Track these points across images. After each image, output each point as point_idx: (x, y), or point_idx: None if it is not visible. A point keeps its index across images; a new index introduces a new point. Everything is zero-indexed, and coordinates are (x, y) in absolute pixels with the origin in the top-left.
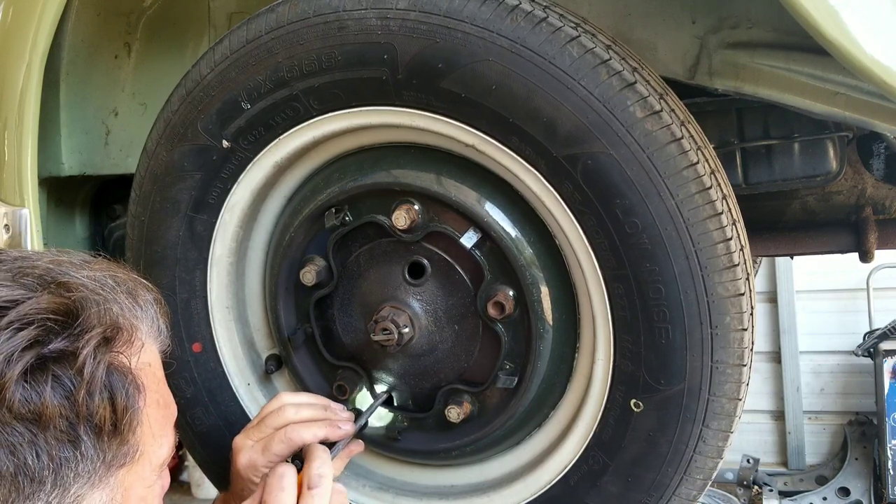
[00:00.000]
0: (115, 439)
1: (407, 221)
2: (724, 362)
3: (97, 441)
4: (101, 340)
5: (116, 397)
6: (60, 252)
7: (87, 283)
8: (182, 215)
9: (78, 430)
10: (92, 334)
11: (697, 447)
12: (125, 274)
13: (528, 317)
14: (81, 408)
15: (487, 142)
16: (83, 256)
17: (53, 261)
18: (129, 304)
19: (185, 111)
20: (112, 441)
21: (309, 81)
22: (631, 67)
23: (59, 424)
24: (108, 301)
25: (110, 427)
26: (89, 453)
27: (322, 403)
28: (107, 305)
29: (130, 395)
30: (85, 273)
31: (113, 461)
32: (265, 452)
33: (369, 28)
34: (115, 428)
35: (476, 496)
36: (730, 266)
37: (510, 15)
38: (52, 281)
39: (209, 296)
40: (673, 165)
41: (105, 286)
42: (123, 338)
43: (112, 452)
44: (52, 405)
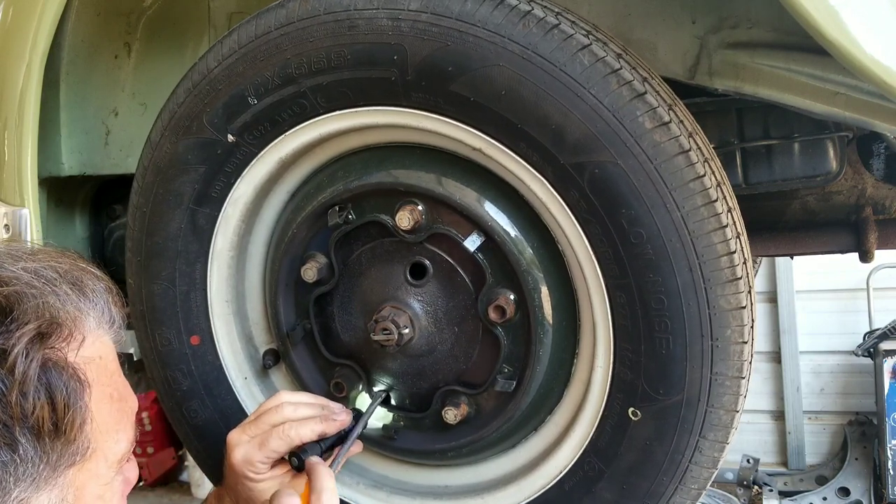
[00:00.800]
0: (59, 439)
1: (410, 222)
2: (724, 374)
3: (37, 442)
4: (34, 336)
5: (55, 395)
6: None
7: (22, 276)
8: (184, 208)
9: (13, 433)
10: (24, 330)
11: (693, 457)
12: (71, 263)
13: (529, 321)
14: (15, 409)
15: (494, 146)
16: (26, 248)
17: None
18: (72, 296)
19: (191, 104)
20: (55, 441)
21: (317, 79)
22: (641, 77)
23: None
24: (46, 294)
25: (50, 427)
26: (29, 455)
27: (320, 403)
28: (44, 299)
29: (72, 391)
30: (21, 265)
31: (59, 461)
32: (262, 448)
33: (380, 28)
34: (56, 427)
35: (470, 497)
36: (732, 279)
37: (522, 20)
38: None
39: (209, 289)
40: (680, 177)
41: (43, 277)
42: (62, 332)
43: (56, 453)
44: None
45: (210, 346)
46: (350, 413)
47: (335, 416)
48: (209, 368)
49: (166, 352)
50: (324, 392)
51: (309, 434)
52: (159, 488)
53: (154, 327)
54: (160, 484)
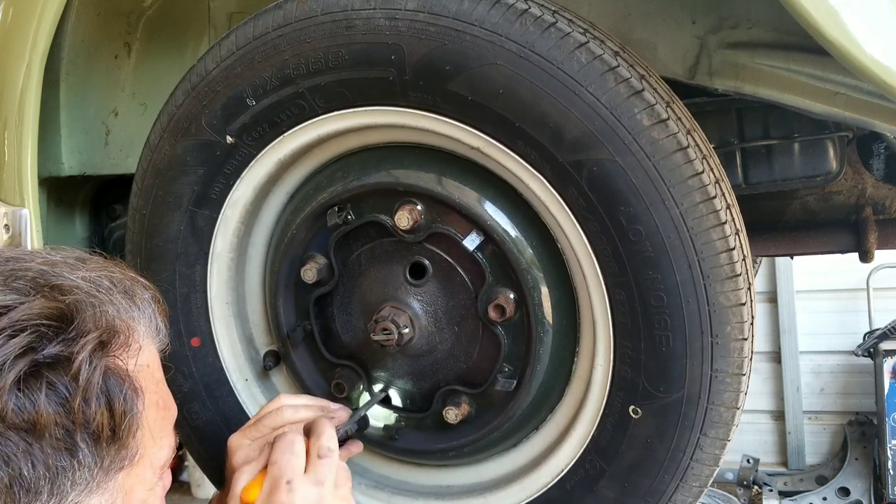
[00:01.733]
0: (114, 445)
1: (409, 222)
2: (724, 371)
3: (95, 448)
4: (97, 345)
5: (114, 402)
6: (55, 251)
7: (82, 285)
8: (184, 210)
9: (75, 438)
10: (87, 339)
11: (695, 455)
12: (121, 273)
13: (529, 320)
14: (78, 415)
15: (493, 145)
16: (78, 255)
17: (47, 262)
18: (125, 305)
19: (190, 106)
20: (110, 447)
21: (315, 80)
22: (639, 75)
23: (54, 433)
24: (104, 303)
25: (108, 433)
26: (87, 461)
27: (320, 405)
28: (102, 308)
29: (128, 399)
30: (79, 274)
31: (111, 466)
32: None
33: (377, 28)
34: (114, 433)
35: (472, 497)
36: (732, 276)
37: (519, 19)
38: (46, 284)
39: (209, 291)
40: (678, 174)
41: (101, 287)
42: (120, 340)
43: (110, 458)
44: (46, 413)
45: (210, 347)
46: (348, 410)
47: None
48: (210, 370)
49: (167, 354)
50: (325, 392)
51: None
52: None
53: None
54: None
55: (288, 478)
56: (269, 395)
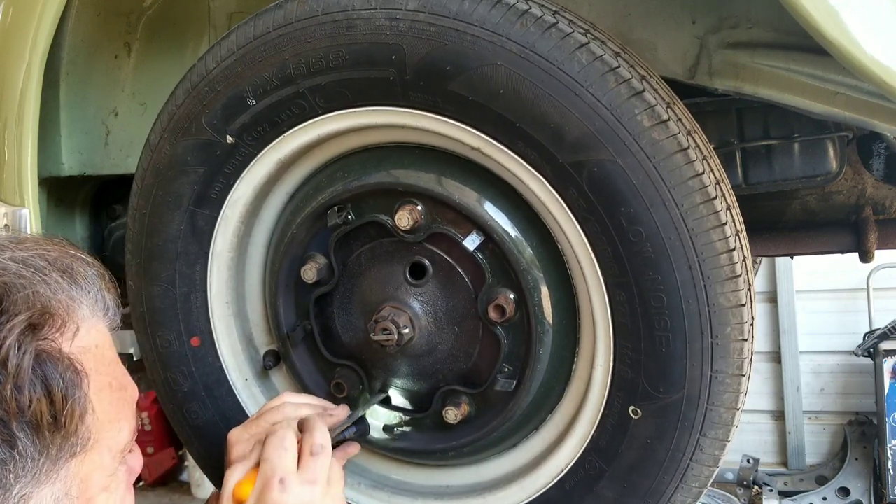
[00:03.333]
0: (58, 432)
1: (410, 222)
2: (724, 372)
3: (36, 436)
4: (25, 328)
5: (52, 387)
6: None
7: (10, 266)
8: (184, 209)
9: (11, 428)
10: (14, 322)
11: (694, 455)
12: (60, 251)
13: (529, 320)
14: (10, 404)
15: (493, 145)
16: (14, 237)
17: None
18: (63, 284)
19: (190, 105)
20: (54, 434)
21: (315, 80)
22: (639, 76)
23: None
24: (35, 283)
25: (49, 420)
26: (28, 451)
27: (322, 404)
28: (34, 289)
29: (69, 382)
30: (8, 255)
31: (59, 454)
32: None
33: (378, 28)
34: (55, 420)
35: (472, 497)
36: (732, 277)
37: (520, 19)
38: None
39: (209, 290)
40: (679, 175)
41: (31, 267)
42: (55, 322)
43: (56, 446)
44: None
45: (210, 347)
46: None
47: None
48: (210, 370)
49: (167, 353)
50: (325, 392)
51: None
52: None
53: (154, 329)
54: (160, 484)
55: (280, 475)
56: (269, 395)
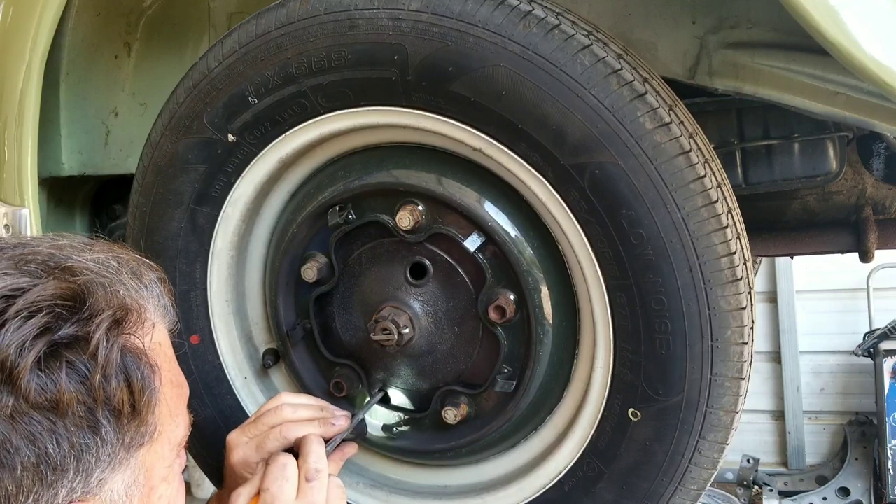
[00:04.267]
0: (134, 421)
1: (411, 222)
2: (724, 375)
3: (116, 424)
4: (111, 323)
5: (132, 379)
6: (59, 236)
7: (92, 266)
8: (185, 207)
9: (97, 415)
10: (102, 317)
11: (693, 458)
12: (127, 254)
13: (529, 322)
14: (98, 392)
15: (495, 146)
16: (82, 239)
17: (54, 245)
18: (134, 285)
19: (192, 104)
20: (131, 423)
21: (317, 79)
22: (642, 78)
23: (77, 410)
24: (114, 283)
25: (129, 409)
26: (109, 437)
27: (320, 405)
28: (113, 287)
29: (146, 375)
30: (87, 256)
31: (132, 442)
32: (259, 450)
33: (380, 28)
34: (134, 409)
35: (470, 497)
36: (733, 280)
37: (523, 21)
38: (56, 266)
39: (209, 288)
40: (680, 178)
41: (109, 268)
42: (133, 319)
43: (131, 434)
44: (68, 392)
45: (210, 345)
46: (348, 417)
47: (334, 420)
48: (209, 368)
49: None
50: (324, 391)
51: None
52: None
53: None
54: None
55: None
56: (268, 394)
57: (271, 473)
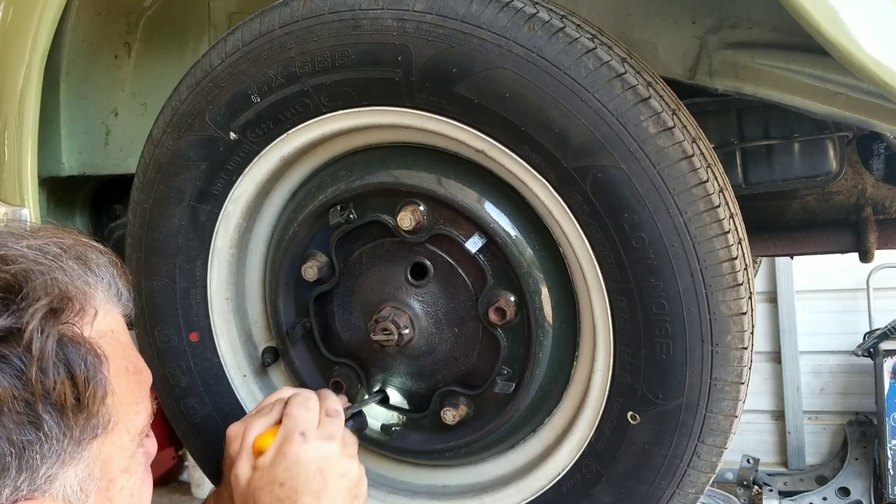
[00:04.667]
0: (81, 414)
1: (412, 222)
2: (723, 380)
3: (60, 418)
4: (47, 312)
5: (74, 370)
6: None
7: (28, 254)
8: (185, 205)
9: (37, 410)
10: (36, 307)
11: (692, 462)
12: (73, 239)
13: (529, 323)
14: (36, 386)
15: (497, 148)
16: (27, 227)
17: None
18: (78, 271)
19: (194, 101)
20: (78, 416)
21: (321, 78)
22: (646, 82)
23: (14, 406)
24: (53, 270)
25: (73, 402)
26: (53, 432)
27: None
28: (52, 275)
29: (90, 365)
30: (25, 243)
31: (82, 436)
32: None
33: (385, 28)
34: (79, 402)
35: (468, 498)
36: (734, 285)
37: (527, 23)
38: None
39: (209, 286)
40: (683, 182)
41: (48, 254)
42: (74, 307)
43: (79, 427)
44: (2, 388)
45: (209, 343)
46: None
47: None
48: (208, 366)
49: (165, 348)
50: None
51: None
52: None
53: (153, 324)
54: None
55: (302, 429)
56: (267, 392)
57: (295, 401)
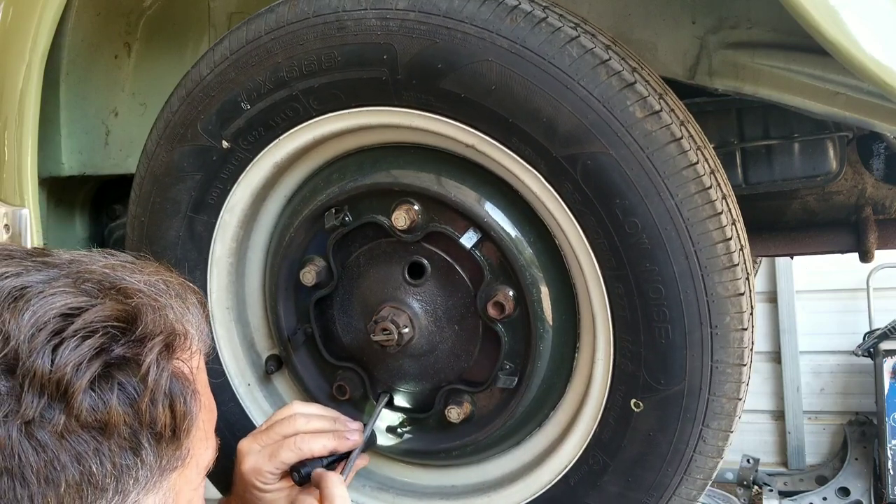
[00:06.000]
0: (172, 445)
1: (407, 222)
2: (724, 362)
3: (157, 447)
4: (163, 347)
5: (176, 404)
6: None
7: (144, 289)
8: (182, 216)
9: (140, 438)
10: (154, 341)
11: (697, 447)
12: (173, 277)
13: (528, 317)
14: (144, 415)
15: (487, 142)
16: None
17: (107, 265)
18: (180, 309)
19: (185, 112)
20: (170, 447)
21: (308, 82)
22: (630, 67)
23: (122, 432)
24: (164, 307)
25: (169, 433)
26: (149, 460)
27: (332, 415)
28: (163, 311)
29: (189, 401)
30: (139, 277)
31: (167, 465)
32: (272, 459)
33: (369, 28)
34: (174, 434)
35: (477, 496)
36: (729, 266)
37: (510, 15)
38: (112, 286)
39: (209, 296)
40: (672, 165)
41: (159, 291)
42: (181, 343)
43: (168, 457)
44: (117, 413)
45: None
46: (361, 430)
47: (348, 434)
48: (212, 376)
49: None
50: (327, 395)
51: (320, 449)
52: None
53: None
54: None
55: None
56: (272, 400)
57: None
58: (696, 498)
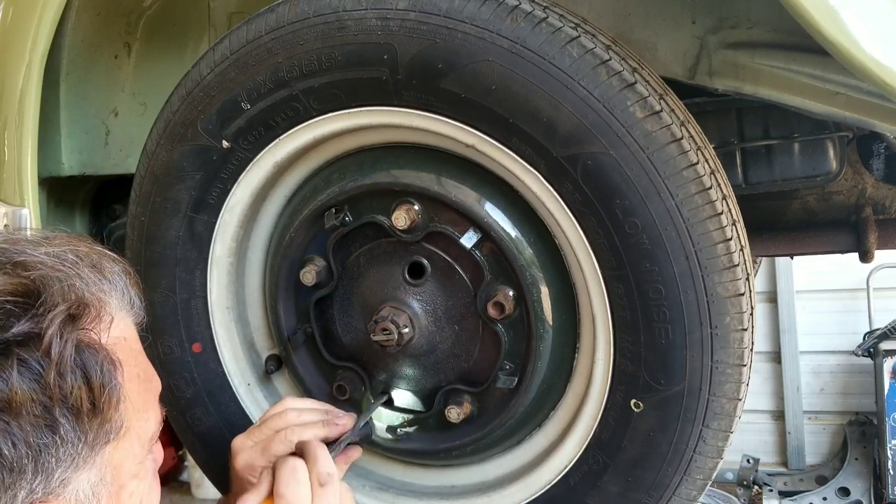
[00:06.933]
0: (96, 418)
1: (407, 221)
2: (724, 362)
3: (76, 422)
4: (66, 318)
5: (91, 375)
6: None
7: (46, 260)
8: (182, 215)
9: (54, 414)
10: (55, 313)
11: (697, 447)
12: (87, 247)
13: (528, 317)
14: (54, 390)
15: (487, 142)
16: (42, 233)
17: (8, 240)
18: (94, 278)
19: (185, 111)
20: (92, 420)
21: (309, 82)
22: (631, 68)
23: (32, 410)
24: (70, 277)
25: (88, 406)
26: (69, 436)
27: (324, 408)
28: (69, 281)
29: (106, 371)
30: (42, 250)
31: (96, 440)
32: (265, 453)
33: (369, 28)
34: (94, 407)
35: (476, 496)
36: (730, 266)
37: (510, 15)
38: (8, 261)
39: (209, 296)
40: (673, 166)
41: (66, 261)
42: (91, 313)
43: (94, 432)
44: (21, 391)
45: (212, 353)
46: (353, 417)
47: (338, 420)
48: (212, 376)
49: (169, 360)
50: (327, 395)
51: (311, 438)
52: None
53: (156, 336)
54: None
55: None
56: (272, 400)
57: (283, 478)
58: (695, 498)
